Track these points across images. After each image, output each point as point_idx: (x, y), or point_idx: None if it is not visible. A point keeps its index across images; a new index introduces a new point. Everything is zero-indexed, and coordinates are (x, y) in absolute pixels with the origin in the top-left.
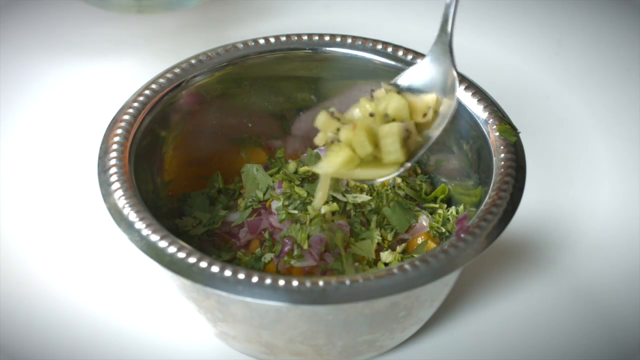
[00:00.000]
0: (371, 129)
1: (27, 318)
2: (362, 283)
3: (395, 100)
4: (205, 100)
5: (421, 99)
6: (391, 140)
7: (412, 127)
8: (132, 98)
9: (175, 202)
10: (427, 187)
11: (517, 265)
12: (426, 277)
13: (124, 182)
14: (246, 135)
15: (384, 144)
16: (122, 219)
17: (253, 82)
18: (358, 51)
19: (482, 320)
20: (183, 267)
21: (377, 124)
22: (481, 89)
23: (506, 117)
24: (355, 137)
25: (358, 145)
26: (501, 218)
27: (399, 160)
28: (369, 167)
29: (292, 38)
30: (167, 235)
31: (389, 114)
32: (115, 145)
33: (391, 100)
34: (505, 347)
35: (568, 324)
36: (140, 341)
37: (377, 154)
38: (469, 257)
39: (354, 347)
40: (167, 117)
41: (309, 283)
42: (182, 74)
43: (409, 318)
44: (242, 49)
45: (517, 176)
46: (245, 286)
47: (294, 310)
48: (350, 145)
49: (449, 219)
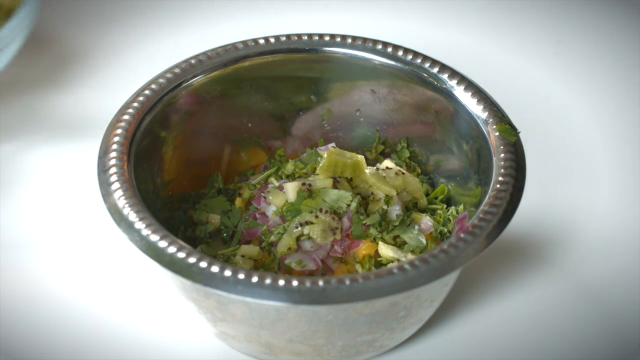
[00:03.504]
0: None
1: (27, 318)
2: (362, 283)
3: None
4: (205, 100)
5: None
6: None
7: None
8: (132, 98)
9: (175, 202)
10: (426, 187)
11: (517, 265)
12: (426, 277)
13: (123, 182)
14: (246, 136)
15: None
16: (122, 219)
17: (253, 82)
18: (358, 51)
19: (482, 320)
20: (183, 267)
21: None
22: (481, 89)
23: (506, 117)
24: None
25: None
26: (501, 218)
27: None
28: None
29: (292, 38)
30: (167, 235)
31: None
32: (115, 145)
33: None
34: (505, 347)
35: (568, 324)
36: (140, 341)
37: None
38: (469, 257)
39: (354, 347)
40: (167, 117)
41: (309, 283)
42: (182, 74)
43: (409, 318)
44: (242, 49)
45: (517, 176)
46: (245, 286)
47: (294, 310)
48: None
49: (449, 219)
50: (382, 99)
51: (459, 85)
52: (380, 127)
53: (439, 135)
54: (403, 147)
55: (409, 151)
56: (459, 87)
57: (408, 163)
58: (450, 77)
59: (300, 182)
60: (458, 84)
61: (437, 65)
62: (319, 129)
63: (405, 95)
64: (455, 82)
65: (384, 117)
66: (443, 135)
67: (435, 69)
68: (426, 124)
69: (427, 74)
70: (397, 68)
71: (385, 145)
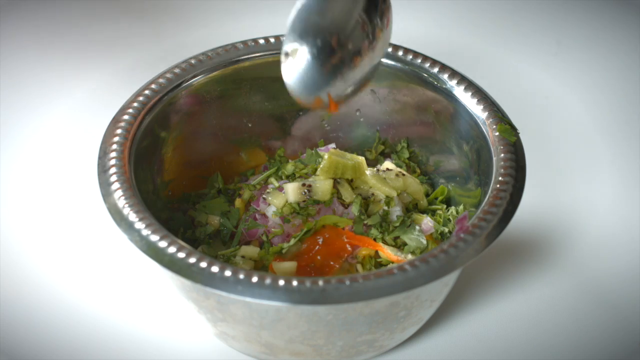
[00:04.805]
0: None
1: (27, 318)
2: (362, 283)
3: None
4: (205, 100)
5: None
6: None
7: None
8: (132, 98)
9: (175, 202)
10: (426, 188)
11: (517, 265)
12: (426, 277)
13: (123, 182)
14: (246, 136)
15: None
16: (122, 219)
17: (253, 82)
18: None
19: (482, 320)
20: (183, 267)
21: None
22: (481, 89)
23: (506, 117)
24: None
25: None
26: (501, 218)
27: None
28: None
29: None
30: (167, 235)
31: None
32: (115, 145)
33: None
34: (505, 347)
35: (568, 324)
36: (140, 341)
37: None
38: (469, 257)
39: (354, 347)
40: (167, 118)
41: (309, 283)
42: (182, 74)
43: (409, 318)
44: (242, 49)
45: (517, 176)
46: (245, 286)
47: (294, 310)
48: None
49: (449, 219)
50: (382, 99)
51: (459, 85)
52: (380, 127)
53: (439, 136)
54: (403, 148)
55: (409, 151)
56: (459, 87)
57: (408, 163)
58: (450, 77)
59: (300, 183)
60: (458, 84)
61: (437, 65)
62: (319, 129)
63: (405, 96)
64: (455, 82)
65: (384, 118)
66: (443, 136)
67: (435, 69)
68: (426, 124)
69: (427, 74)
70: (397, 68)
71: (385, 145)
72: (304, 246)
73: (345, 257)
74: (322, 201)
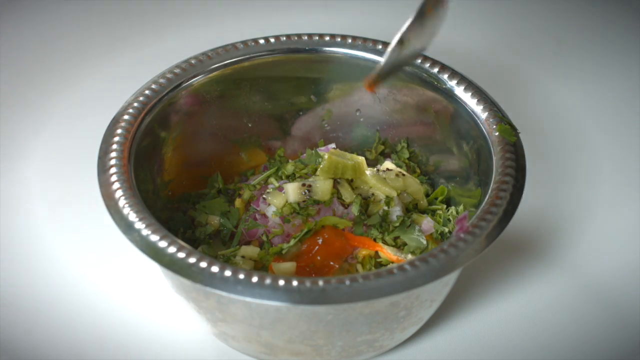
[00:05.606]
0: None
1: (27, 318)
2: (362, 283)
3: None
4: (205, 100)
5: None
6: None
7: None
8: (132, 98)
9: (175, 202)
10: (426, 188)
11: (516, 265)
12: (426, 277)
13: (123, 182)
14: (246, 136)
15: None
16: (122, 219)
17: (253, 82)
18: (358, 51)
19: (482, 320)
20: (183, 267)
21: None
22: (481, 89)
23: (506, 117)
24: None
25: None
26: (501, 218)
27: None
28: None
29: (292, 38)
30: (167, 235)
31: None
32: (115, 145)
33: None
34: (505, 347)
35: (568, 324)
36: (141, 341)
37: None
38: (469, 257)
39: (354, 347)
40: (167, 118)
41: (309, 283)
42: (182, 74)
43: (409, 318)
44: (242, 49)
45: (517, 176)
46: (245, 286)
47: (294, 310)
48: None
49: (449, 219)
50: (382, 99)
51: (459, 85)
52: (381, 127)
53: (439, 136)
54: (403, 148)
55: (409, 151)
56: (459, 87)
57: (408, 163)
58: (450, 77)
59: (300, 183)
60: (458, 84)
61: (437, 65)
62: (319, 129)
63: (405, 96)
64: (455, 82)
65: (384, 118)
66: (443, 136)
67: (435, 69)
68: (426, 124)
69: (427, 74)
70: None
71: (385, 145)
72: (303, 246)
73: (345, 258)
74: (322, 201)
